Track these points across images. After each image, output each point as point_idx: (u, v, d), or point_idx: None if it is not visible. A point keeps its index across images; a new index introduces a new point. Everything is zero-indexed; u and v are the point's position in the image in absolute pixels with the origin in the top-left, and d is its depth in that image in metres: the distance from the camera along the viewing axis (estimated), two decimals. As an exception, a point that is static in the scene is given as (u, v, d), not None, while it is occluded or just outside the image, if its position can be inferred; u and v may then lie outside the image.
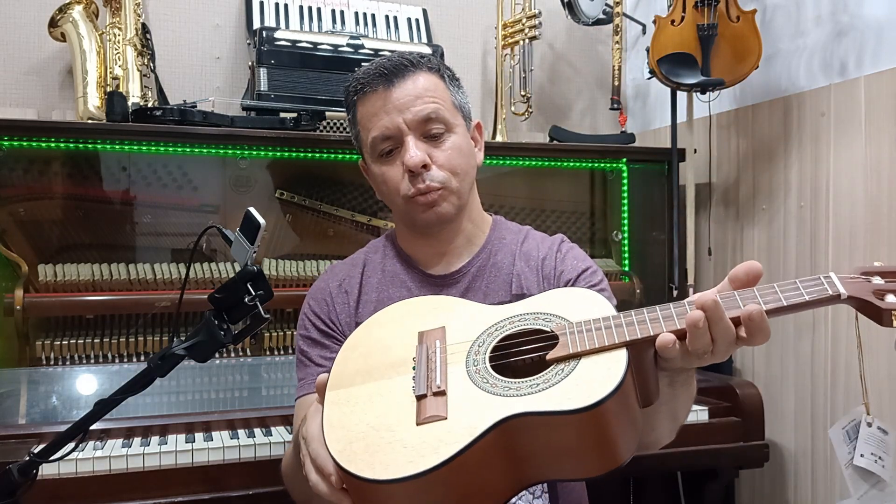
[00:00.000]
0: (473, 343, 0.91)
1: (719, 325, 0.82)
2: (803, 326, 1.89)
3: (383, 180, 1.19)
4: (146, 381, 1.00)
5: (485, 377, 0.85)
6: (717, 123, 2.20)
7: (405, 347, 0.93)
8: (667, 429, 1.04)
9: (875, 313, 0.80)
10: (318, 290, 1.28)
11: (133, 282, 1.73)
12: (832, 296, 0.81)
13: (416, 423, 0.81)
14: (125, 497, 1.36)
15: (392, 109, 1.15)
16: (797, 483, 1.93)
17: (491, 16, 2.28)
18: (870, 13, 1.72)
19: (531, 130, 2.42)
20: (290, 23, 2.07)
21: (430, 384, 0.85)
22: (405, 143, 1.14)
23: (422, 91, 1.16)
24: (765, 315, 0.81)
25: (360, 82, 1.19)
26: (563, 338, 0.85)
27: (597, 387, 0.77)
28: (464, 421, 0.79)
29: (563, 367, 0.82)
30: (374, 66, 1.19)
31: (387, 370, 0.90)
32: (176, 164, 1.82)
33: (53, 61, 2.03)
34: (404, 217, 1.22)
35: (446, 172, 1.16)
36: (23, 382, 1.61)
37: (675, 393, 0.96)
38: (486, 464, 0.78)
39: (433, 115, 1.15)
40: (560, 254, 1.24)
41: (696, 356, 0.84)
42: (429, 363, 0.89)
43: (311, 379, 1.21)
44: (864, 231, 1.72)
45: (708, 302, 0.81)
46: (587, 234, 2.19)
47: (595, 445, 0.79)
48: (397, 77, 1.16)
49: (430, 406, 0.82)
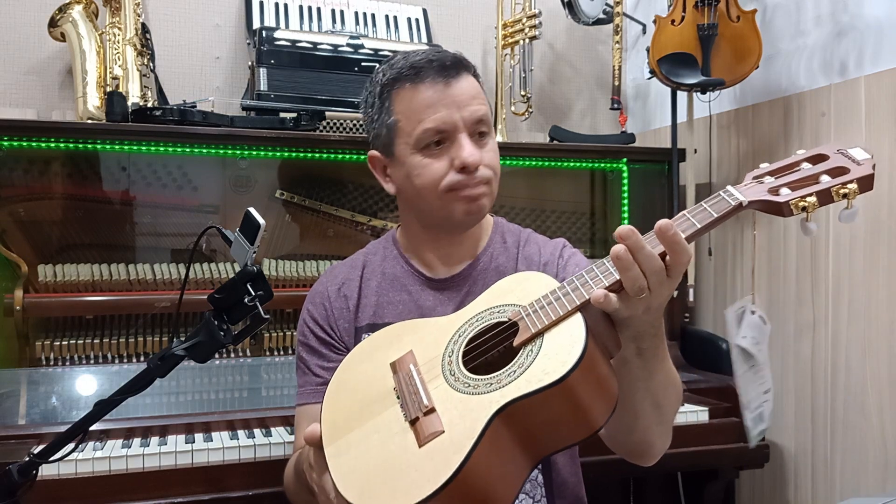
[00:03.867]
0: (443, 355, 0.94)
1: (641, 252, 0.85)
2: (803, 326, 1.89)
3: (421, 172, 1.15)
4: (146, 381, 1.00)
5: (465, 382, 0.88)
6: (718, 123, 2.20)
7: (383, 380, 0.96)
8: (652, 418, 1.02)
9: (776, 209, 0.85)
10: (316, 293, 1.27)
11: (133, 282, 1.73)
12: (736, 206, 0.86)
13: (419, 445, 0.84)
14: (125, 497, 1.36)
15: (451, 104, 1.13)
16: (797, 483, 1.93)
17: (491, 16, 2.28)
18: (870, 13, 1.72)
19: (531, 130, 2.42)
20: (289, 23, 2.07)
21: (419, 406, 0.88)
22: (458, 140, 1.13)
23: (476, 92, 1.17)
24: (676, 229, 0.85)
25: (415, 68, 1.15)
26: (522, 322, 0.90)
27: (565, 355, 0.83)
28: (461, 427, 0.82)
29: (531, 347, 0.87)
30: (425, 57, 1.16)
31: (374, 407, 0.93)
32: (176, 164, 1.82)
33: (53, 61, 2.03)
34: (434, 212, 1.17)
35: (490, 172, 1.17)
36: (23, 383, 1.61)
37: (647, 366, 0.96)
38: (495, 457, 0.81)
39: (484, 117, 1.16)
40: (562, 260, 1.23)
41: (637, 298, 0.87)
42: (410, 388, 0.91)
43: (310, 388, 1.22)
44: (864, 231, 1.72)
45: (624, 230, 0.85)
46: (587, 234, 2.19)
47: (586, 404, 0.83)
48: (454, 73, 1.15)
49: (425, 426, 0.85)
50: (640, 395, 0.99)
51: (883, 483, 1.67)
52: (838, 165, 0.85)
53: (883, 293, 1.68)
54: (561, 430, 0.84)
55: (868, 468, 1.71)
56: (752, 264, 1.16)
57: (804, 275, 1.89)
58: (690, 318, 2.16)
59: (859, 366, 1.73)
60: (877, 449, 1.69)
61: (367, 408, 0.93)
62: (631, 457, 1.11)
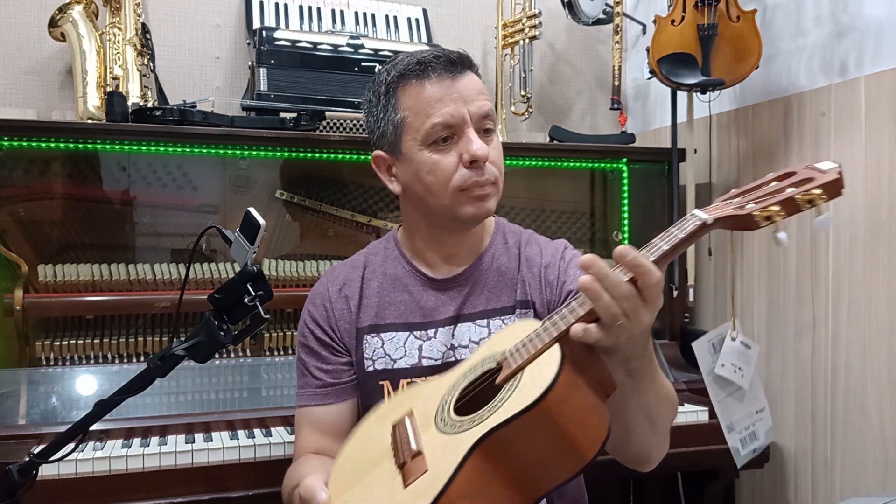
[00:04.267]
0: (438, 408, 0.96)
1: (607, 279, 0.83)
2: (803, 326, 1.89)
3: (432, 168, 1.15)
4: (146, 381, 1.00)
5: (452, 424, 0.90)
6: (718, 123, 2.20)
7: (383, 440, 0.99)
8: (646, 431, 1.02)
9: (742, 223, 0.84)
10: (316, 294, 1.27)
11: (133, 282, 1.73)
12: (699, 225, 0.85)
13: (404, 486, 0.86)
14: (125, 497, 1.36)
15: (459, 99, 1.14)
16: (797, 483, 1.93)
17: (491, 16, 2.28)
18: (870, 13, 1.72)
19: (531, 130, 2.42)
20: (289, 23, 2.07)
21: (408, 452, 0.90)
22: (467, 134, 1.14)
23: (481, 88, 1.18)
24: (634, 252, 0.84)
25: (421, 64, 1.15)
26: (506, 362, 0.92)
27: (540, 382, 0.83)
28: (442, 463, 0.84)
29: (512, 382, 0.88)
30: (431, 53, 1.16)
31: (372, 464, 0.96)
32: (176, 164, 1.82)
33: (53, 61, 2.03)
34: (447, 209, 1.17)
35: (497, 169, 1.17)
36: (23, 382, 1.61)
37: (638, 385, 0.95)
38: (479, 491, 0.82)
39: (490, 112, 1.17)
40: (563, 262, 1.23)
41: (615, 326, 0.85)
42: (402, 438, 0.94)
43: (309, 390, 1.23)
44: (864, 231, 1.72)
45: (586, 259, 0.85)
46: (587, 234, 2.19)
47: (570, 432, 0.82)
48: (460, 69, 1.16)
49: (412, 468, 0.87)
50: (632, 412, 0.98)
51: (883, 483, 1.67)
52: (804, 178, 0.85)
53: (883, 293, 1.68)
54: (549, 463, 0.84)
55: (868, 468, 1.71)
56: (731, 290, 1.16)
57: (804, 275, 1.89)
58: (690, 318, 2.17)
59: (859, 366, 1.73)
60: (877, 449, 1.69)
61: (366, 466, 0.96)
62: (629, 464, 1.11)
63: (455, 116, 1.13)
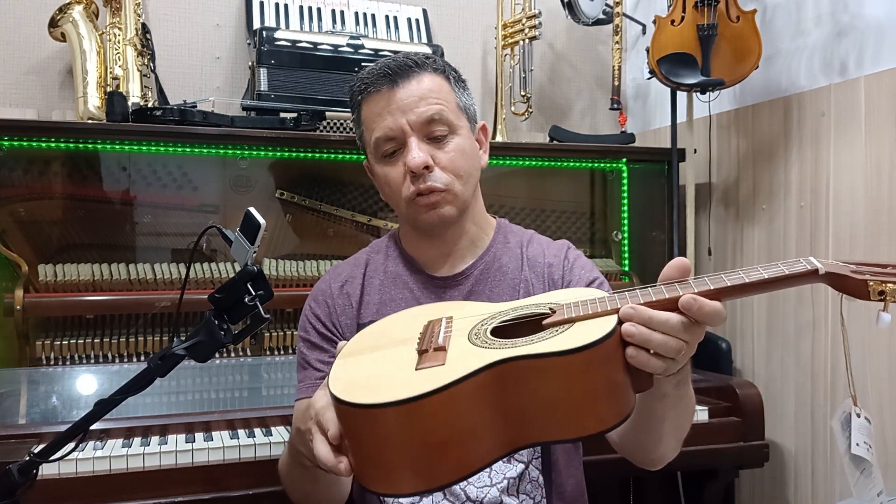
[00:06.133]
0: (476, 325, 0.95)
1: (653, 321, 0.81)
2: (803, 326, 1.89)
3: (386, 181, 1.19)
4: (146, 381, 1.00)
5: (484, 340, 0.89)
6: (717, 123, 2.20)
7: (413, 330, 0.98)
8: (672, 440, 1.05)
9: (855, 288, 0.85)
10: (319, 291, 1.28)
11: (133, 282, 1.73)
12: (812, 271, 0.85)
13: (415, 368, 0.85)
14: (125, 497, 1.36)
15: (395, 110, 1.14)
16: (797, 483, 1.93)
17: (491, 16, 2.28)
18: (870, 13, 1.72)
19: (531, 130, 2.42)
20: (290, 23, 2.07)
21: (432, 343, 0.90)
22: (408, 144, 1.14)
23: (426, 92, 1.15)
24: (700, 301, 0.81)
25: (365, 82, 1.19)
26: (560, 310, 0.90)
27: (586, 335, 0.81)
28: (457, 365, 0.83)
29: (558, 329, 0.86)
30: (378, 66, 1.19)
31: (394, 343, 0.95)
32: (176, 164, 1.83)
33: (53, 61, 2.03)
34: (408, 218, 1.22)
35: (449, 175, 1.15)
36: (23, 382, 1.61)
37: (684, 394, 0.97)
38: (476, 406, 0.81)
39: (436, 116, 1.15)
40: (567, 262, 1.24)
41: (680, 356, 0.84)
42: (432, 333, 0.94)
43: (309, 382, 1.22)
44: (864, 231, 1.72)
45: (625, 312, 0.82)
46: (587, 234, 2.19)
47: (589, 399, 0.81)
48: (401, 77, 1.15)
49: (429, 357, 0.87)
50: (668, 423, 1.01)
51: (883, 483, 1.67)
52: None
53: (883, 293, 1.68)
54: (551, 414, 0.81)
55: (868, 468, 1.71)
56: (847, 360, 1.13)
57: (804, 275, 1.89)
58: (690, 317, 2.16)
59: (859, 366, 1.73)
60: (877, 449, 1.69)
61: (388, 344, 0.96)
62: (641, 465, 1.13)
63: (393, 129, 1.14)
